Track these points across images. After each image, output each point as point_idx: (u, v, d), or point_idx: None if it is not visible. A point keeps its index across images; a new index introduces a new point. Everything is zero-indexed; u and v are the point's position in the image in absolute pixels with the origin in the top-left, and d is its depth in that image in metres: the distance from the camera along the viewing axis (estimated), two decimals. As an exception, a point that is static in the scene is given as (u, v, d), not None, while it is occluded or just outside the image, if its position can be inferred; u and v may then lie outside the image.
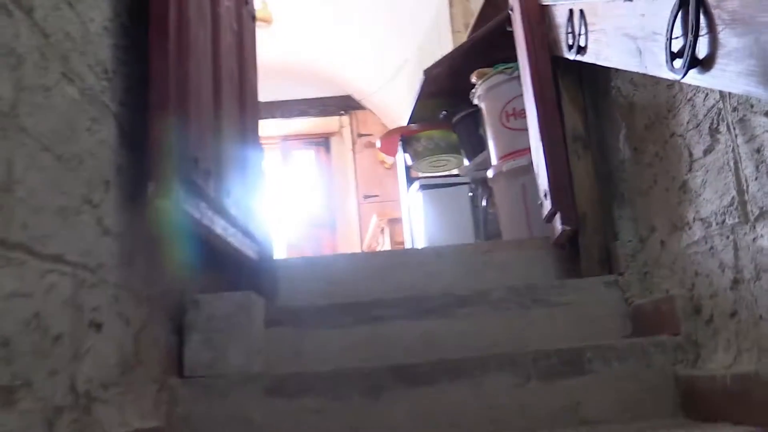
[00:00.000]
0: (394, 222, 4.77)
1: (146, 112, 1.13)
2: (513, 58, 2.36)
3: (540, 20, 1.82)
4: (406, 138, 3.13)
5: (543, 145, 1.75)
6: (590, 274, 1.67)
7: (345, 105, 6.44)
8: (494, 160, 2.36)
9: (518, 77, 2.26)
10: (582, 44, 1.49)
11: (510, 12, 2.00)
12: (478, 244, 1.90)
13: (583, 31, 1.48)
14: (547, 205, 1.74)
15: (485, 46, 2.56)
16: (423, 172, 3.36)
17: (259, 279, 1.68)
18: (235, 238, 1.49)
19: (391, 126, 6.22)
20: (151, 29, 1.15)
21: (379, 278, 1.78)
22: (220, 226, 1.37)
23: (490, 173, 2.35)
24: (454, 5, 3.81)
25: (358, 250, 6.06)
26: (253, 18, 1.89)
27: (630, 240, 1.67)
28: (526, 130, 2.24)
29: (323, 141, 6.87)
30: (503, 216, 2.29)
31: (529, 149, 2.21)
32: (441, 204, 2.55)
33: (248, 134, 1.69)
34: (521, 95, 2.27)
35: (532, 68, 1.80)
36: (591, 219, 1.70)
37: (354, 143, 6.24)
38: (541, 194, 1.80)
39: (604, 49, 1.37)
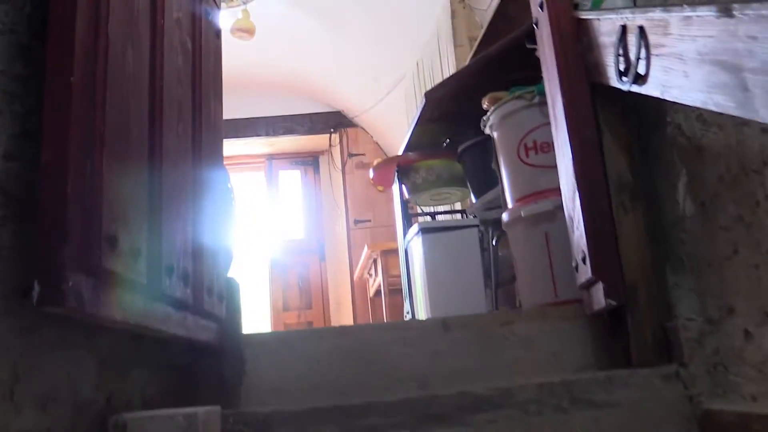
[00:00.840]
0: (389, 254, 4.44)
1: (37, 174, 0.79)
2: (532, 80, 2.05)
3: (575, 38, 1.51)
4: (403, 168, 2.81)
5: (580, 195, 1.42)
6: (643, 364, 1.34)
7: (335, 122, 6.12)
8: (509, 202, 2.03)
9: (540, 104, 1.95)
10: (641, 72, 1.17)
11: (534, 26, 1.68)
12: (495, 315, 1.56)
13: (642, 54, 1.16)
14: (585, 271, 1.42)
15: (498, 66, 2.25)
16: (422, 206, 3.03)
17: (221, 369, 1.35)
18: (183, 326, 1.15)
19: (385, 145, 5.91)
20: (47, 51, 0.82)
21: (372, 361, 1.44)
22: (157, 319, 1.03)
23: (504, 217, 2.02)
24: (456, 16, 3.50)
25: (347, 279, 5.72)
26: (218, 33, 1.56)
27: (692, 318, 1.35)
28: (550, 167, 1.93)
29: (311, 160, 6.55)
30: (522, 271, 1.96)
31: (553, 190, 1.89)
32: (445, 250, 2.22)
33: (206, 180, 1.36)
34: (544, 125, 1.95)
35: (566, 97, 1.48)
36: (643, 291, 1.37)
37: (344, 163, 5.91)
38: (577, 256, 1.47)
39: (678, 81, 1.05)
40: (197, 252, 1.24)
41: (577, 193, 1.43)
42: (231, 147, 6.26)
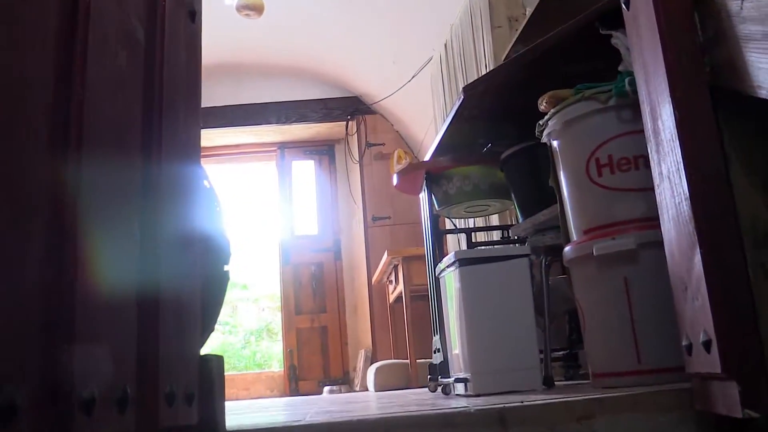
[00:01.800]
0: (411, 260, 4.05)
1: None
2: (602, 76, 1.64)
3: (689, 26, 1.09)
4: (433, 175, 2.40)
5: (702, 250, 1.02)
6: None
7: (352, 108, 5.71)
8: (574, 232, 1.63)
9: (617, 108, 1.54)
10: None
11: (623, 6, 1.26)
12: (568, 405, 1.16)
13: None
14: (709, 362, 1.01)
15: (555, 56, 1.83)
16: (453, 218, 2.63)
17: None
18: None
19: (407, 135, 5.49)
20: None
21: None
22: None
23: (567, 252, 1.61)
24: (494, -8, 3.06)
25: (364, 282, 5.35)
26: (192, 15, 1.16)
27: None
28: (630, 191, 1.52)
29: (326, 149, 6.15)
30: (591, 325, 1.55)
31: (636, 222, 1.48)
32: (489, 286, 1.82)
33: (173, 240, 0.97)
34: (623, 136, 1.54)
35: (679, 109, 1.07)
36: (797, 396, 0.96)
37: (362, 154, 5.51)
38: (694, 336, 1.06)
39: None
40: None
41: (697, 248, 1.02)
42: (239, 135, 5.88)
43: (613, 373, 1.49)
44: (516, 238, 2.30)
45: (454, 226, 2.71)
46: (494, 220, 2.92)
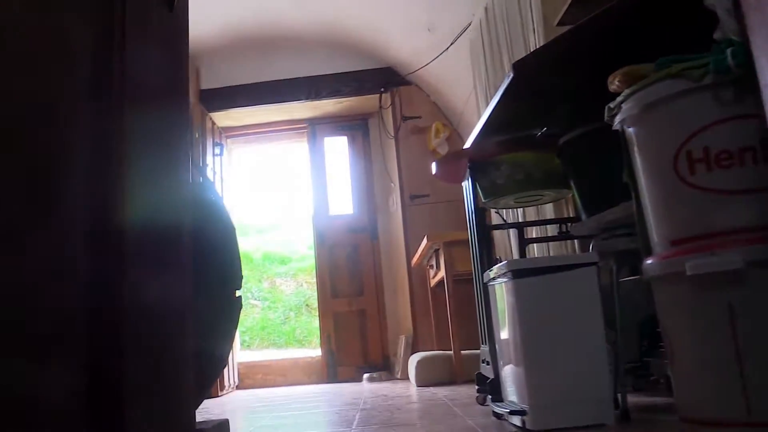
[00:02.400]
0: (453, 246, 3.77)
1: None
2: (689, 47, 1.32)
3: None
4: (478, 164, 2.11)
5: None
6: None
7: (385, 80, 5.39)
8: (658, 242, 1.33)
9: (716, 87, 1.22)
10: None
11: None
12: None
13: None
14: None
15: (627, 23, 1.51)
16: (501, 209, 2.34)
17: None
18: None
19: (445, 106, 5.17)
20: None
21: None
22: None
23: (650, 267, 1.32)
24: (543, -53, 2.70)
25: (403, 264, 5.10)
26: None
27: None
28: (738, 193, 1.21)
29: (359, 124, 5.86)
30: (681, 357, 1.27)
31: (744, 233, 1.18)
32: (550, 300, 1.54)
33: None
34: (724, 122, 1.23)
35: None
36: None
37: (397, 128, 5.21)
38: None
39: None
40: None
41: None
42: (268, 113, 5.63)
43: (710, 423, 1.20)
44: (577, 234, 2.01)
45: (502, 219, 2.42)
46: (548, 211, 2.60)
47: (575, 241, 2.32)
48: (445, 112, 5.19)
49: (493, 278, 1.72)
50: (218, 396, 4.59)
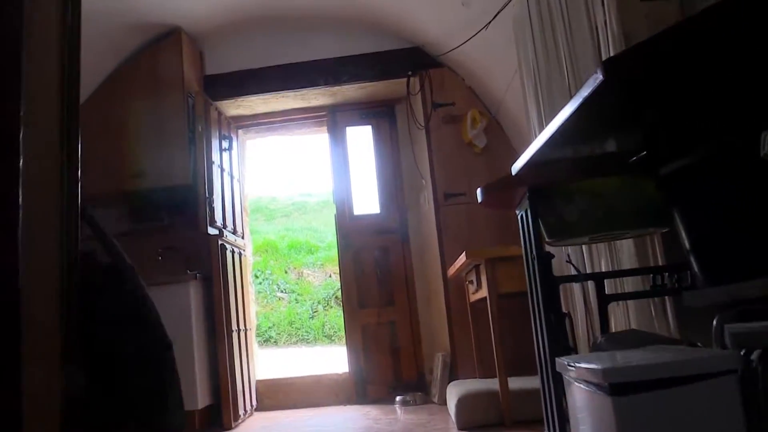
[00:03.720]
0: (498, 263, 3.23)
1: None
2: None
3: None
4: (540, 193, 1.56)
5: None
6: None
7: (414, 62, 4.81)
8: None
9: None
10: None
11: None
12: None
13: None
14: None
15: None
16: (570, 245, 1.79)
17: None
18: None
19: (483, 92, 4.57)
20: None
21: None
22: None
23: None
24: None
25: (437, 271, 4.57)
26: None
27: None
28: None
29: (385, 112, 5.31)
30: None
31: None
32: (669, 423, 1.01)
33: None
34: None
35: None
36: None
37: (428, 117, 4.64)
38: None
39: None
40: None
41: None
42: (283, 101, 5.11)
43: None
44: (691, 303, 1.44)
45: (572, 266, 1.86)
46: (625, 248, 1.97)
47: (666, 297, 1.75)
48: (482, 98, 4.60)
49: (572, 371, 1.19)
50: (232, 429, 4.15)
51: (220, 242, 4.38)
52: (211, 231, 4.33)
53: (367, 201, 5.23)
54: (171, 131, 4.58)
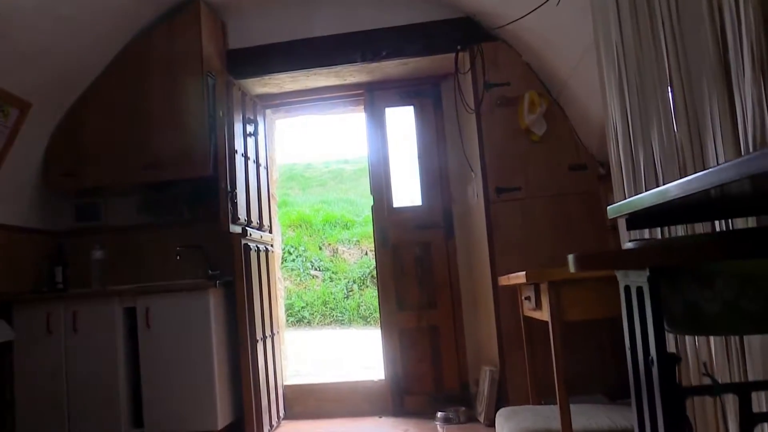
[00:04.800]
0: (564, 286, 2.76)
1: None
2: None
3: None
4: (665, 271, 1.09)
5: None
6: None
7: (463, 34, 4.27)
8: None
9: None
10: None
11: None
12: None
13: None
14: None
15: None
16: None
17: None
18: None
19: (543, 69, 4.02)
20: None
21: None
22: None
23: None
24: None
25: (486, 272, 4.10)
26: None
27: None
28: None
29: (429, 91, 4.79)
30: None
31: None
32: None
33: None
34: None
35: None
36: None
37: (479, 99, 4.12)
38: None
39: None
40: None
41: None
42: (315, 78, 4.64)
43: None
44: None
45: (707, 374, 1.37)
46: None
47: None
48: (542, 78, 4.05)
49: None
50: (255, 450, 3.82)
51: (243, 242, 3.98)
52: (234, 229, 3.92)
53: (408, 191, 4.76)
54: (189, 116, 4.16)
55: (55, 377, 3.88)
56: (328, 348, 8.62)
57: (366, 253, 11.54)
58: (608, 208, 1.47)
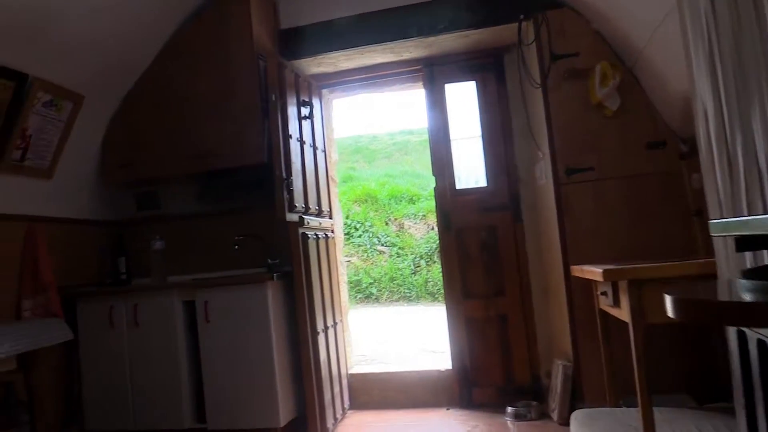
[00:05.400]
0: (648, 285, 2.49)
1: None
2: None
3: None
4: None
5: None
6: None
7: (526, 2, 3.95)
8: None
9: None
10: None
11: None
12: None
13: None
14: None
15: None
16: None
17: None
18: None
19: (616, 37, 3.66)
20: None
21: None
22: None
23: None
24: None
25: (558, 257, 3.83)
26: None
27: None
28: None
29: (491, 65, 4.49)
30: None
31: None
32: None
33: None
34: None
35: None
36: None
37: (545, 72, 3.81)
38: None
39: None
40: None
41: None
42: (370, 55, 4.42)
43: None
44: None
45: None
46: None
47: None
48: (614, 47, 3.70)
49: None
50: (317, 447, 3.72)
51: (300, 231, 3.84)
52: (291, 218, 3.78)
53: (473, 172, 4.51)
54: (240, 101, 4.03)
55: (118, 370, 3.88)
56: (395, 327, 8.51)
57: (432, 228, 11.33)
58: (711, 222, 1.22)
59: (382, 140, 19.15)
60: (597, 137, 3.70)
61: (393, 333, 7.98)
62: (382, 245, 11.46)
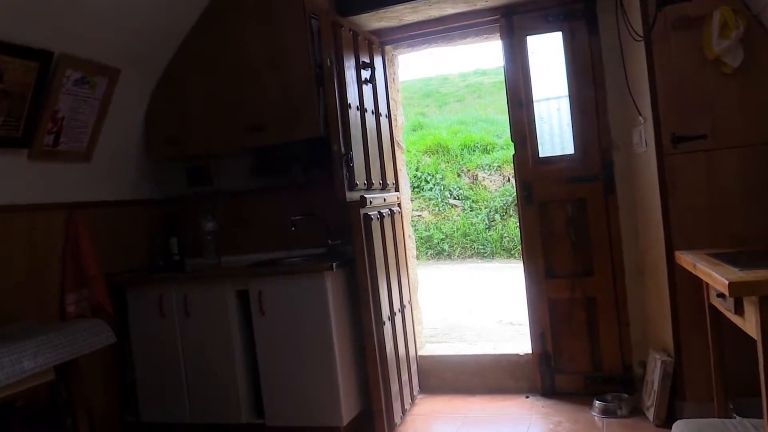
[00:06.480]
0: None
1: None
2: None
3: None
4: None
5: None
6: None
7: (627, -63, 3.34)
8: None
9: None
10: None
11: None
12: None
13: None
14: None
15: None
16: None
17: None
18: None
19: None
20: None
21: None
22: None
23: None
24: None
25: (659, 236, 3.34)
26: None
27: None
28: None
29: (581, 12, 3.90)
30: None
31: None
32: None
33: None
34: None
35: None
36: None
37: (650, 21, 3.22)
38: None
39: None
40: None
41: None
42: (440, 6, 3.93)
43: None
44: None
45: None
46: None
47: None
48: (741, -11, 3.08)
49: None
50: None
51: (363, 212, 3.48)
52: (351, 197, 3.42)
53: (558, 138, 3.99)
54: (292, 68, 3.65)
55: (171, 361, 3.70)
56: (468, 290, 8.14)
57: (508, 180, 10.78)
58: None
59: (454, 82, 18.42)
60: (712, 99, 3.13)
61: (466, 297, 7.62)
62: (455, 198, 11.02)
